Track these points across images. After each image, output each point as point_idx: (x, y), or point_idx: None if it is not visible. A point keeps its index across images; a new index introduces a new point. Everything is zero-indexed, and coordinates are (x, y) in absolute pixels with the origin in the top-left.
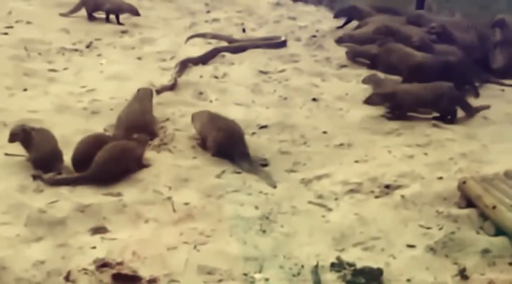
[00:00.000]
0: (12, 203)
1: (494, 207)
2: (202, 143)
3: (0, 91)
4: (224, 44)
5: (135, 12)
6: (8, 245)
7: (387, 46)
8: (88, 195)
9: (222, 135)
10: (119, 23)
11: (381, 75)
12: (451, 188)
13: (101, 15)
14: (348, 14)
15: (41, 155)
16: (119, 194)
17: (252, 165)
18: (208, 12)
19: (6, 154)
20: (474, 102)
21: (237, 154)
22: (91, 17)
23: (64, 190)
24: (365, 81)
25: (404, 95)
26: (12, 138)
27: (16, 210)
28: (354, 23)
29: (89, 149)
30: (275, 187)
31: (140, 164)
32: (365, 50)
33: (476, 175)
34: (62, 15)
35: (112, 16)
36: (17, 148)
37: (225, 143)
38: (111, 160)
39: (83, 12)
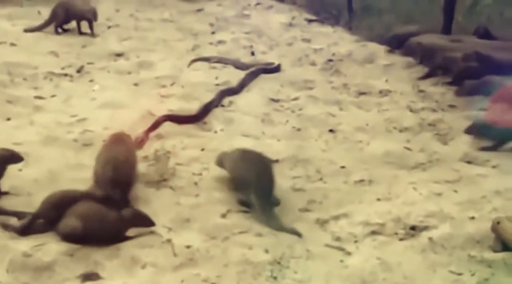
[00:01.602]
0: None
1: None
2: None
3: None
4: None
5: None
6: None
7: None
8: None
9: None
10: (80, 32)
11: None
12: (484, 230)
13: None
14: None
15: None
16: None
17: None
18: (213, 33)
19: None
20: None
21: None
22: (57, 31)
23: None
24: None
25: None
26: None
27: None
28: None
29: (53, 210)
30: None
31: (119, 235)
32: None
33: None
34: (27, 31)
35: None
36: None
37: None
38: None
39: (73, 32)
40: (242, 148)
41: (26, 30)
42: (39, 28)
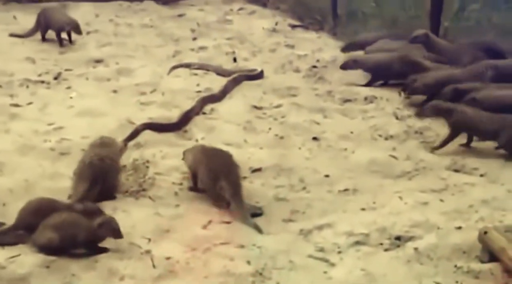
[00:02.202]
0: None
1: None
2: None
3: None
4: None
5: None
6: None
7: None
8: None
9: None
10: (60, 42)
11: None
12: (471, 240)
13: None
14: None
15: None
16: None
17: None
18: (194, 39)
19: None
20: None
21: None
22: (44, 39)
23: None
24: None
25: (463, 115)
26: None
27: None
28: None
29: (31, 219)
30: (261, 232)
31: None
32: None
33: (499, 225)
34: (12, 35)
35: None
36: None
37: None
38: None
39: (51, 37)
40: (202, 144)
41: (11, 35)
42: (25, 36)
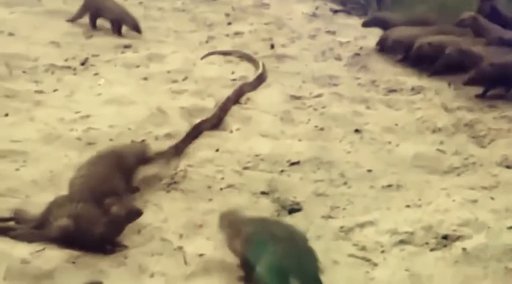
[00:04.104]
0: None
1: None
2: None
3: None
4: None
5: (136, 28)
6: None
7: None
8: None
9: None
10: (120, 34)
11: None
12: None
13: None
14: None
15: None
16: (119, 243)
17: None
18: (229, 24)
19: None
20: None
21: None
22: (94, 26)
23: None
24: None
25: None
26: None
27: None
28: None
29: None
30: None
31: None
32: None
33: None
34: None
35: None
36: None
37: None
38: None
39: (78, 22)
40: (260, 218)
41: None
42: (72, 20)
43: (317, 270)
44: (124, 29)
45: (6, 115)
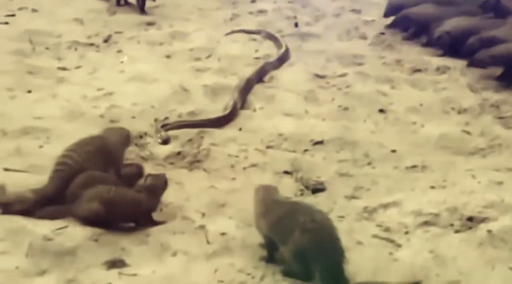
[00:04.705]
0: (12, 228)
1: None
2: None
3: None
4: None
5: None
6: (6, 279)
7: None
8: None
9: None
10: (143, 11)
11: None
12: None
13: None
14: None
15: None
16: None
17: None
18: (253, 1)
19: (6, 170)
20: None
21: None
22: (119, 3)
23: None
24: None
25: None
26: None
27: (16, 236)
28: None
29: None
30: None
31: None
32: None
33: None
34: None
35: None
36: (18, 162)
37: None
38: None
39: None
40: (291, 201)
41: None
42: None
43: (341, 261)
44: (148, 6)
45: (29, 91)
